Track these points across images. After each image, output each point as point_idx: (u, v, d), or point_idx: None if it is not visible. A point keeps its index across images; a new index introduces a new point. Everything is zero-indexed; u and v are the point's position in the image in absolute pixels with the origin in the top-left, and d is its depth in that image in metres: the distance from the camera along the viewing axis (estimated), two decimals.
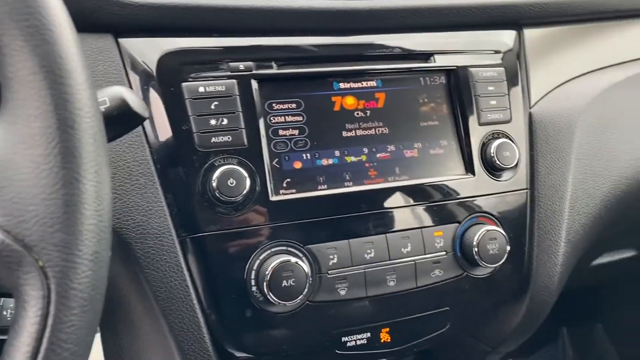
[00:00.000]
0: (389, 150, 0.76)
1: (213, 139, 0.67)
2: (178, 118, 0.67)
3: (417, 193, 0.76)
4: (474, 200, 0.79)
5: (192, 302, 0.67)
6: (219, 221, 0.67)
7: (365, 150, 0.75)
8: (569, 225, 0.85)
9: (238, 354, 0.71)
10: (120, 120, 0.52)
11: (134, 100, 0.52)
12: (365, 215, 0.73)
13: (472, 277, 0.78)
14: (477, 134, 0.80)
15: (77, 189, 0.35)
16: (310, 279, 0.68)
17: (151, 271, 0.66)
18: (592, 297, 1.63)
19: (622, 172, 0.91)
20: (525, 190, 0.83)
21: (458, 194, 0.78)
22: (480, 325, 0.86)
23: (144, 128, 0.68)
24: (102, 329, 0.77)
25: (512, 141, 0.80)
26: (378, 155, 0.76)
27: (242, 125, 0.69)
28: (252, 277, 0.68)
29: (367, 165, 0.75)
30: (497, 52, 0.84)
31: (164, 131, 0.67)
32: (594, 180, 0.88)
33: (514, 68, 0.85)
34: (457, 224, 0.77)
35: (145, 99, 0.67)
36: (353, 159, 0.74)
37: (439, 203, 0.77)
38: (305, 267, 0.67)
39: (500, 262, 0.77)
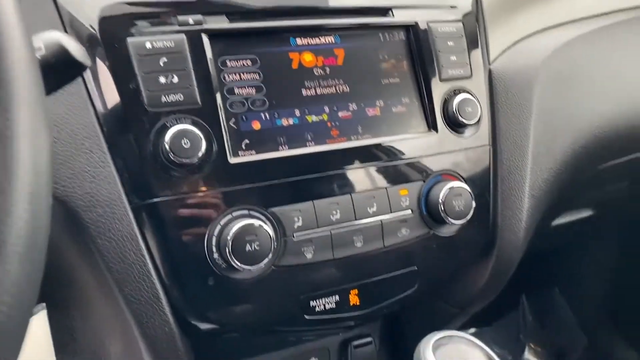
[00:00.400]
0: (350, 109, 0.74)
1: (163, 98, 0.63)
2: (124, 76, 0.62)
3: (380, 152, 0.74)
4: (437, 157, 0.77)
5: (149, 273, 0.63)
6: (174, 186, 0.63)
7: (327, 109, 0.72)
8: (532, 181, 0.85)
9: (202, 326, 0.67)
10: (58, 69, 0.47)
11: (74, 46, 0.47)
12: (329, 175, 0.70)
13: (439, 236, 0.77)
14: (438, 91, 0.78)
15: (5, 119, 0.30)
16: (275, 242, 0.65)
17: (103, 241, 0.61)
18: (549, 263, 1.67)
19: (580, 128, 0.92)
20: (488, 147, 0.82)
21: (422, 152, 0.76)
22: (448, 284, 0.85)
23: (87, 87, 0.62)
24: (50, 310, 0.72)
25: (474, 97, 0.79)
26: (340, 114, 0.73)
27: (194, 84, 0.64)
28: (213, 243, 0.64)
29: (328, 124, 0.72)
30: (453, 7, 0.83)
31: (110, 91, 0.62)
32: (554, 135, 0.88)
33: (472, 24, 0.84)
34: (422, 182, 0.76)
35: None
36: (314, 118, 0.71)
37: (403, 161, 0.75)
38: (270, 230, 0.64)
39: (466, 218, 0.75)
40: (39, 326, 0.57)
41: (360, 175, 0.72)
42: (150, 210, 0.63)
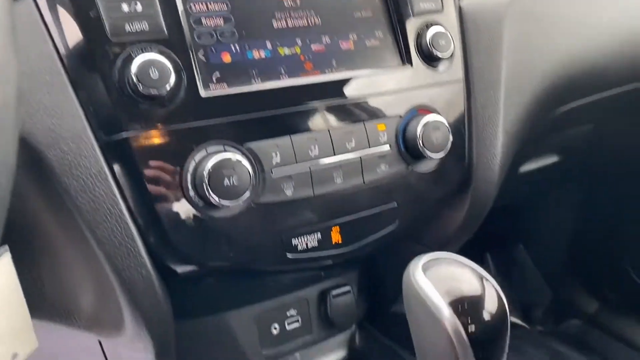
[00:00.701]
0: (323, 42, 0.71)
1: (127, 27, 0.59)
2: (84, 4, 0.58)
3: (356, 86, 0.72)
4: (413, 91, 0.76)
5: (121, 212, 0.59)
6: (143, 120, 0.59)
7: (299, 41, 0.70)
8: (505, 116, 0.85)
9: (180, 269, 0.64)
10: None
11: None
12: (305, 110, 0.68)
13: (418, 172, 0.76)
14: (411, 24, 0.77)
15: None
16: (254, 178, 0.62)
17: (70, 180, 0.57)
18: (513, 219, 1.70)
19: (548, 67, 0.92)
20: (462, 82, 0.81)
21: (398, 86, 0.75)
22: (427, 222, 0.85)
23: (43, 18, 0.58)
24: (16, 264, 0.67)
25: (446, 30, 0.78)
26: (313, 47, 0.70)
27: (159, 12, 0.60)
28: (189, 180, 0.61)
29: (302, 58, 0.69)
30: None
31: (68, 20, 0.58)
32: (525, 72, 0.88)
33: None
34: (399, 117, 0.74)
35: None
36: (287, 51, 0.69)
37: (379, 96, 0.73)
38: (247, 165, 0.61)
39: (444, 151, 0.75)
40: (4, 272, 0.52)
41: (336, 110, 0.70)
42: (119, 146, 0.59)
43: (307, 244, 0.69)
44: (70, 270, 0.65)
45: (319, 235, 0.70)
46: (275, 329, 0.92)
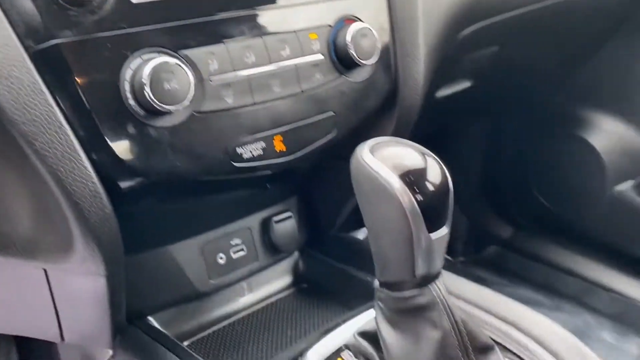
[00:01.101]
0: None
1: None
2: None
3: None
4: (340, 2, 0.78)
5: (60, 124, 0.57)
6: (73, 26, 0.57)
7: None
8: (425, 30, 0.89)
9: (125, 184, 0.63)
10: None
11: None
12: (236, 17, 0.68)
13: (350, 81, 0.79)
14: None
15: None
16: (193, 85, 0.62)
17: (1, 91, 0.54)
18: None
19: None
20: None
21: None
22: (361, 131, 0.88)
23: None
24: None
25: None
26: None
27: None
28: (127, 89, 0.59)
29: None
30: None
31: None
32: None
33: None
34: (329, 27, 0.76)
35: None
36: None
37: (308, 4, 0.75)
38: (186, 69, 0.61)
39: (375, 57, 0.78)
40: None
41: (267, 18, 0.71)
42: (50, 55, 0.56)
43: (252, 153, 0.70)
44: (7, 193, 0.62)
45: (263, 143, 0.71)
46: (221, 258, 0.93)
